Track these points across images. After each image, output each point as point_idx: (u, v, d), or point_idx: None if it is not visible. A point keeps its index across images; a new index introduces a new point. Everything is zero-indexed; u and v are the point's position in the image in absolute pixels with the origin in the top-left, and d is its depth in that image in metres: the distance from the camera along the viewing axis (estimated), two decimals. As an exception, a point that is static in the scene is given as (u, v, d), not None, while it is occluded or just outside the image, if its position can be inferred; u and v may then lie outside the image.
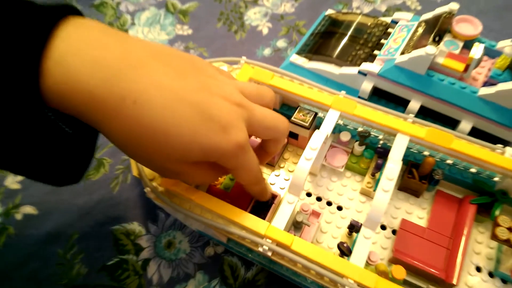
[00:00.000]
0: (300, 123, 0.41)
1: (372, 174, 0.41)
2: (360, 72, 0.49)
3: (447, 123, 0.46)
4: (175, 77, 0.27)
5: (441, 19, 0.48)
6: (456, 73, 0.45)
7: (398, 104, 0.49)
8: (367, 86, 0.49)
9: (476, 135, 0.43)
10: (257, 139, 0.42)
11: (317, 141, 0.36)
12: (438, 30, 0.46)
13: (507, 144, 0.40)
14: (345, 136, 0.42)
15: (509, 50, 0.47)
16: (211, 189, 0.40)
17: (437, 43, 0.45)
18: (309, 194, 0.42)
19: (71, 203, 0.49)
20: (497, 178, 0.39)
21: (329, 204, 0.41)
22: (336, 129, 0.44)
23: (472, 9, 0.64)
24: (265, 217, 0.37)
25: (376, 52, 0.50)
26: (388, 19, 0.55)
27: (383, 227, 0.40)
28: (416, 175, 0.40)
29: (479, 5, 0.65)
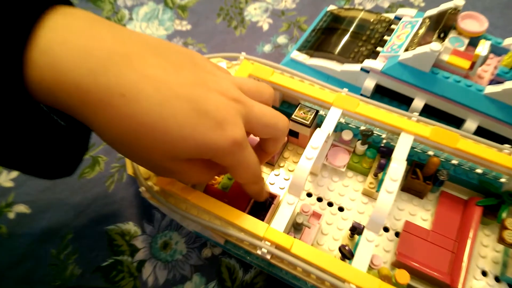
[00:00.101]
0: (301, 121, 0.40)
1: (375, 174, 0.40)
2: (363, 69, 0.48)
3: (451, 122, 0.45)
4: (170, 71, 0.26)
5: (446, 15, 0.46)
6: (462, 70, 0.44)
7: (402, 102, 0.48)
8: (369, 84, 0.48)
9: (482, 134, 0.42)
10: (257, 137, 0.41)
11: (318, 140, 0.35)
12: (443, 27, 0.45)
13: (514, 144, 0.39)
14: (347, 135, 0.41)
15: (516, 48, 0.46)
16: (208, 189, 0.39)
17: (442, 39, 0.44)
18: (309, 195, 0.41)
19: (65, 201, 0.48)
20: (504, 179, 0.38)
21: (330, 205, 0.40)
22: (337, 127, 0.43)
23: (478, 6, 0.63)
24: (264, 218, 0.36)
25: (379, 49, 0.49)
26: (391, 15, 0.54)
27: (386, 229, 0.39)
28: (420, 175, 0.39)
29: (484, 1, 0.64)
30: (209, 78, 0.28)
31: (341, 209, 0.40)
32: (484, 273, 0.36)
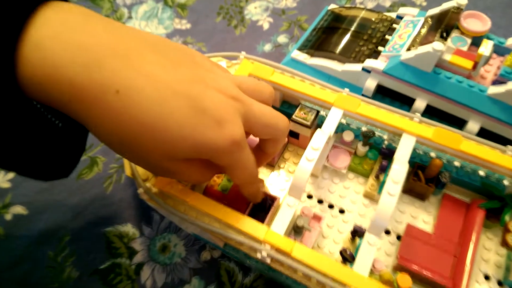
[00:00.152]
0: (301, 121, 0.39)
1: (376, 176, 0.39)
2: (364, 69, 0.47)
3: (453, 123, 0.45)
4: (167, 68, 0.25)
5: (449, 14, 0.46)
6: (464, 70, 0.43)
7: (403, 102, 0.48)
8: (371, 84, 0.47)
9: (484, 136, 0.41)
10: (257, 138, 0.40)
11: (319, 141, 0.34)
12: (446, 26, 0.45)
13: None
14: (348, 136, 0.40)
15: (519, 48, 0.45)
16: (207, 190, 0.38)
17: (444, 39, 0.43)
18: (310, 196, 0.40)
19: (63, 203, 0.47)
20: (507, 182, 0.37)
21: (330, 207, 0.40)
22: (338, 128, 0.42)
23: (479, 5, 0.63)
24: (264, 220, 0.36)
25: (381, 48, 0.49)
26: (393, 14, 0.53)
27: (387, 232, 0.38)
28: (422, 177, 0.38)
29: (486, 1, 0.64)
30: (207, 75, 0.27)
31: (342, 211, 0.39)
32: (487, 277, 0.35)
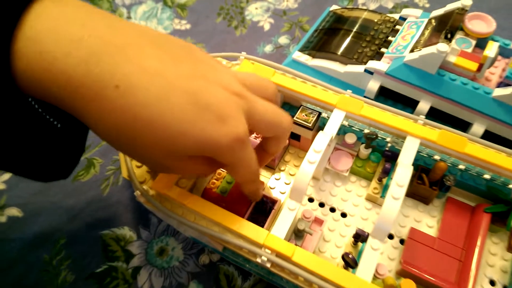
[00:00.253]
0: (303, 123, 0.39)
1: (379, 179, 0.39)
2: (367, 71, 0.47)
3: (457, 126, 0.44)
4: (167, 62, 0.24)
5: (453, 15, 0.45)
6: (469, 72, 0.43)
7: (406, 105, 0.47)
8: (373, 85, 0.47)
9: (489, 138, 0.41)
10: (257, 140, 0.39)
11: (321, 143, 0.33)
12: (450, 27, 0.44)
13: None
14: (350, 138, 0.40)
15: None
16: (206, 193, 0.37)
17: (448, 40, 0.43)
18: (311, 200, 0.39)
19: (59, 205, 0.47)
20: (513, 186, 0.36)
21: (332, 210, 0.39)
22: (340, 130, 0.41)
23: (483, 7, 0.62)
24: (264, 224, 0.35)
25: (384, 50, 0.48)
26: (395, 15, 0.53)
27: (390, 236, 0.37)
28: (426, 180, 0.37)
29: (489, 3, 0.63)
30: (209, 71, 0.26)
31: (344, 215, 0.39)
32: (492, 283, 0.35)
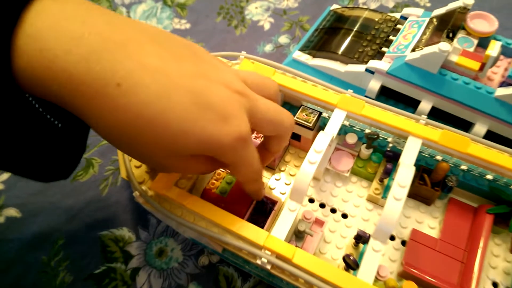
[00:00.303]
0: (303, 123, 0.38)
1: (380, 179, 0.38)
2: (368, 70, 0.46)
3: (459, 126, 0.44)
4: (169, 60, 0.24)
5: (455, 14, 0.45)
6: (471, 72, 0.42)
7: (408, 104, 0.47)
8: (374, 85, 0.46)
9: (491, 139, 0.40)
10: (257, 140, 0.39)
11: (322, 143, 0.33)
12: (452, 26, 0.44)
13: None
14: (351, 138, 0.39)
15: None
16: (205, 193, 0.37)
17: (450, 39, 0.42)
18: (311, 200, 0.39)
19: (57, 205, 0.46)
20: (516, 186, 0.36)
21: (333, 211, 0.38)
22: (341, 130, 0.41)
23: (484, 6, 0.62)
24: (264, 225, 0.35)
25: (385, 49, 0.48)
26: (397, 15, 0.52)
27: (392, 237, 0.37)
28: (428, 181, 0.37)
29: (491, 2, 0.63)
30: (211, 69, 0.26)
31: (344, 216, 0.38)
32: (495, 285, 0.34)
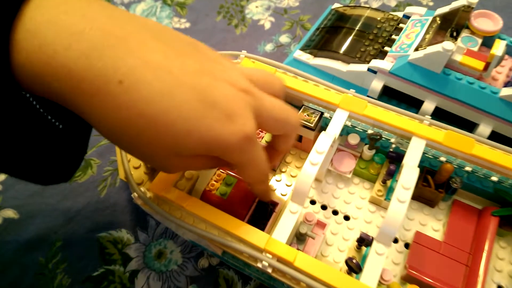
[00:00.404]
0: (305, 123, 0.38)
1: (383, 181, 0.37)
2: (370, 70, 0.46)
3: (463, 127, 0.43)
4: (172, 56, 0.23)
5: (459, 13, 0.44)
6: (475, 72, 0.41)
7: (411, 105, 0.46)
8: (377, 85, 0.46)
9: (496, 139, 0.40)
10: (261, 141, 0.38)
11: (324, 144, 0.32)
12: (455, 25, 0.43)
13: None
14: (353, 139, 0.39)
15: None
16: (205, 195, 0.36)
17: (454, 39, 0.42)
18: (313, 202, 0.38)
19: (55, 207, 0.46)
20: (521, 188, 0.35)
21: (335, 213, 0.38)
22: (343, 131, 0.40)
23: (488, 5, 0.61)
24: (264, 227, 0.34)
25: (387, 48, 0.47)
26: (399, 13, 0.52)
27: (395, 240, 0.36)
28: (431, 183, 0.36)
29: (495, 1, 0.62)
30: (215, 67, 0.25)
31: (346, 218, 0.38)
32: (500, 288, 0.34)
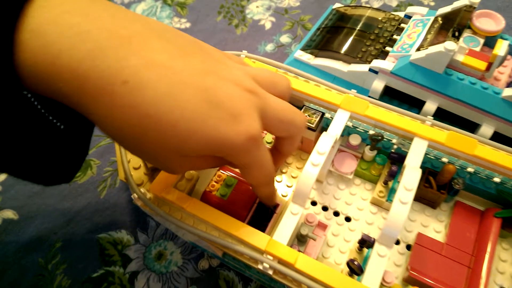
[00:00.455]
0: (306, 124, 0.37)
1: (385, 182, 0.37)
2: (371, 70, 0.45)
3: (465, 127, 0.43)
4: (176, 56, 0.23)
5: (460, 13, 0.44)
6: (477, 72, 0.41)
7: (412, 105, 0.46)
8: (378, 85, 0.45)
9: (498, 140, 0.39)
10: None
11: (325, 144, 0.32)
12: (457, 25, 0.43)
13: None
14: (355, 140, 0.38)
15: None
16: (205, 196, 0.36)
17: (456, 38, 0.41)
18: (314, 203, 0.38)
19: (55, 207, 0.45)
20: (524, 189, 0.35)
21: (336, 214, 0.38)
22: (345, 131, 0.40)
23: (490, 6, 0.61)
24: (265, 229, 0.34)
25: (388, 49, 0.47)
26: (400, 13, 0.51)
27: (397, 241, 0.36)
28: (433, 184, 0.36)
29: (497, 1, 0.62)
30: (219, 66, 0.25)
31: (348, 219, 0.37)
32: (503, 291, 0.33)
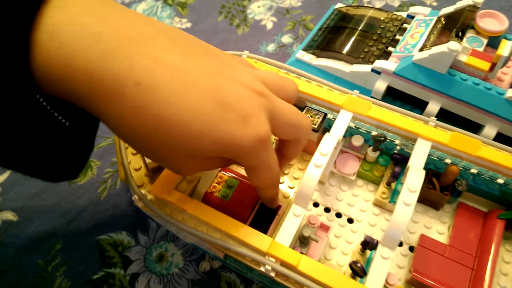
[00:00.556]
0: (308, 125, 0.37)
1: (388, 183, 0.37)
2: (374, 70, 0.45)
3: (469, 128, 0.42)
4: (185, 57, 0.23)
5: (464, 13, 0.44)
6: (480, 72, 0.41)
7: (415, 106, 0.46)
8: (381, 86, 0.45)
9: (502, 141, 0.39)
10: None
11: (328, 145, 0.32)
12: (460, 25, 0.42)
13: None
14: (357, 141, 0.38)
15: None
16: (207, 197, 0.36)
17: (459, 39, 0.41)
18: (316, 204, 0.38)
19: (55, 209, 0.45)
20: (528, 191, 0.35)
21: (338, 216, 0.37)
22: (347, 132, 0.40)
23: (493, 6, 0.60)
24: (267, 230, 0.33)
25: (391, 49, 0.47)
26: (403, 13, 0.51)
27: (400, 243, 0.36)
28: (437, 185, 0.36)
29: (500, 1, 0.61)
30: (228, 68, 0.25)
31: (350, 220, 0.37)
32: (507, 293, 0.33)
